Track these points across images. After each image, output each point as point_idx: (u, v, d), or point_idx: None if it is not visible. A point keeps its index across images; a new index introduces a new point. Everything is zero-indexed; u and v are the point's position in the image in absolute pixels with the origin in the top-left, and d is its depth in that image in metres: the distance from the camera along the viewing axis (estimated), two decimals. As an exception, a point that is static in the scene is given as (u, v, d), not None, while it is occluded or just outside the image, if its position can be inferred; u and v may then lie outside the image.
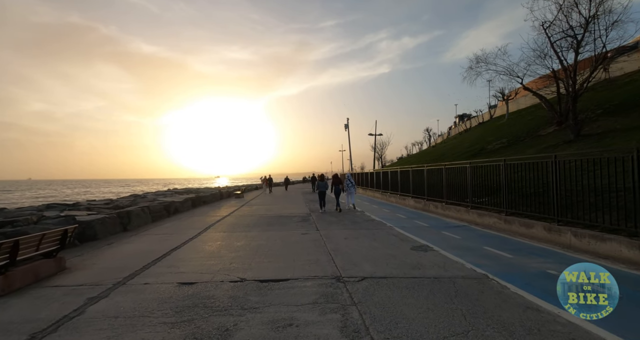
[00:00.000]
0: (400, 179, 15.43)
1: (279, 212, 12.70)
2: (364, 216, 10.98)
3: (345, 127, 35.90)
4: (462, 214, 9.60)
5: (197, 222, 10.34)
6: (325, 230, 8.21)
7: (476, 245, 6.28)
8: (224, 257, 5.67)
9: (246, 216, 11.57)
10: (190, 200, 14.52)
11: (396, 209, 13.18)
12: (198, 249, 6.40)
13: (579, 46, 12.84)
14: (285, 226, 9.07)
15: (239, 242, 6.96)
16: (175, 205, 12.76)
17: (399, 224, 9.01)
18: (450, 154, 25.54)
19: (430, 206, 11.72)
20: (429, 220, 9.81)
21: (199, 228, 8.96)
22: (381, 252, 5.82)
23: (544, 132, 17.11)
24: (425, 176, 12.50)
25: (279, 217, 11.14)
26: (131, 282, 4.43)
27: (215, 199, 18.71)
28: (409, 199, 13.98)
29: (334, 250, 6.07)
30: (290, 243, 6.77)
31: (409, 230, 8.01)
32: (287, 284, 4.23)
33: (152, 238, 7.73)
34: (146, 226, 9.56)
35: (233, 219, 10.79)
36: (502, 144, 19.36)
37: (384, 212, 12.19)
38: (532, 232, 6.77)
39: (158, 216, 10.94)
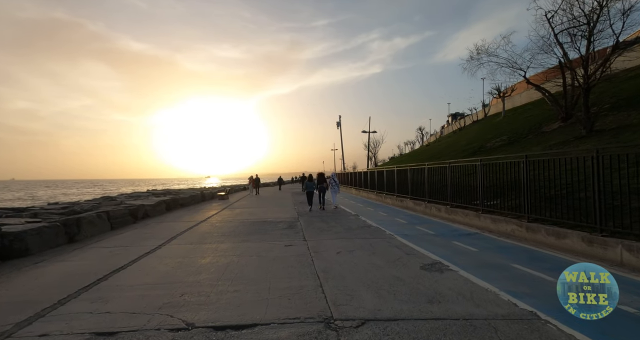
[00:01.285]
0: (397, 178, 14.19)
1: (263, 216, 11.29)
2: (359, 221, 9.67)
3: (337, 125, 34.67)
4: (471, 219, 8.37)
5: (164, 229, 8.87)
6: (314, 241, 6.86)
7: (501, 262, 5.02)
8: (176, 284, 4.26)
9: (224, 222, 10.13)
10: (164, 203, 12.98)
11: (394, 212, 11.91)
12: (148, 270, 4.97)
13: (591, 33, 11.78)
14: (267, 235, 7.69)
15: (204, 259, 5.55)
16: (144, 209, 11.23)
17: (400, 231, 7.72)
18: (447, 152, 24.49)
19: (432, 209, 10.48)
20: (434, 226, 8.55)
21: (164, 238, 7.51)
22: (384, 273, 4.50)
23: (548, 128, 16.11)
24: (426, 176, 11.27)
25: (262, 222, 9.74)
26: (20, 334, 2.99)
27: (195, 201, 17.15)
28: (407, 200, 12.73)
29: (324, 270, 4.73)
30: (269, 260, 5.39)
31: (413, 240, 6.72)
32: (253, 334, 2.87)
33: (99, 253, 6.25)
34: (101, 236, 8.05)
35: (208, 226, 9.34)
36: (502, 141, 18.32)
37: (380, 215, 10.90)
38: (566, 244, 5.55)
39: (120, 222, 9.42)
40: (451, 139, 33.34)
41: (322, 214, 11.36)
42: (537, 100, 29.09)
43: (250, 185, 26.32)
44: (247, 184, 29.93)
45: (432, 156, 25.10)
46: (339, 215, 11.00)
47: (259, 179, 26.71)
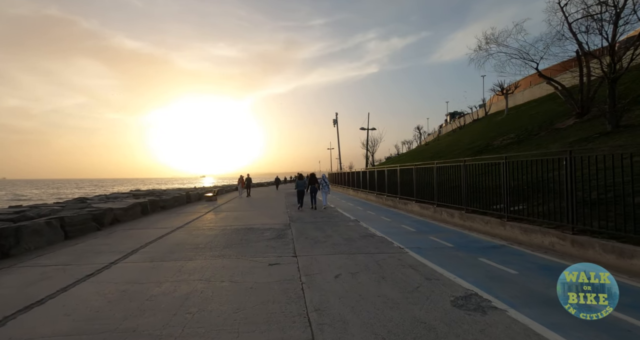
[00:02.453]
0: (401, 179, 12.88)
1: (250, 221, 9.91)
2: (360, 228, 8.34)
3: (334, 122, 33.35)
4: (493, 227, 7.08)
5: (129, 239, 7.46)
6: (307, 257, 5.51)
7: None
8: (101, 335, 2.88)
9: (204, 229, 8.74)
10: (139, 205, 11.53)
11: (398, 216, 10.59)
12: (73, 307, 3.58)
13: (618, 17, 10.58)
14: (249, 247, 6.32)
15: (159, 286, 4.17)
16: (113, 213, 9.79)
17: (411, 243, 6.40)
18: (448, 151, 23.28)
19: (443, 214, 9.17)
20: (449, 235, 7.24)
21: (122, 251, 6.11)
22: (403, 315, 3.17)
23: (561, 125, 14.91)
24: (434, 176, 9.97)
25: (246, 230, 8.36)
26: None
27: (179, 203, 15.68)
28: (412, 203, 11.43)
29: (318, 308, 3.38)
30: (244, 289, 4.02)
31: (429, 256, 5.40)
32: None
33: (26, 275, 4.84)
34: (47, 248, 6.63)
35: (183, 234, 7.94)
36: (510, 139, 17.10)
37: (384, 221, 9.58)
38: (635, 266, 4.26)
39: (79, 230, 7.99)
40: (452, 138, 32.18)
41: (317, 219, 10.02)
42: (541, 98, 28.02)
43: (240, 186, 22.67)
44: (235, 185, 25.72)
45: (433, 155, 23.87)
46: (337, 221, 9.66)
47: (251, 179, 23.52)
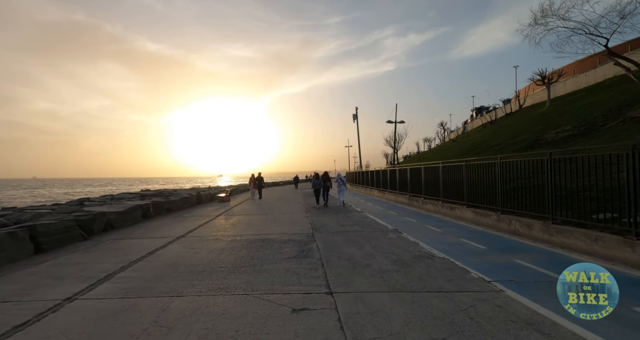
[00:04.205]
0: (443, 178, 10.82)
1: (265, 229, 8.17)
2: (406, 243, 6.41)
3: (353, 117, 31.36)
4: (608, 248, 4.97)
5: (110, 255, 5.84)
6: (348, 295, 3.64)
7: None
8: None
9: (208, 240, 7.06)
10: (139, 208, 10.02)
11: (448, 226, 8.57)
12: None
13: None
14: (263, 273, 4.54)
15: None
16: (106, 218, 8.29)
17: (498, 273, 4.41)
18: (485, 147, 20.83)
19: (514, 224, 7.06)
20: (542, 258, 5.20)
21: (91, 277, 4.46)
22: None
23: (636, 113, 12.39)
24: (497, 174, 7.88)
25: (260, 242, 6.61)
26: None
27: (188, 205, 14.17)
28: (462, 209, 9.36)
29: None
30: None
31: (547, 301, 3.40)
32: None
33: None
34: (2, 268, 5.09)
35: (180, 248, 6.27)
36: (567, 132, 14.60)
37: (433, 232, 7.61)
38: None
39: (58, 241, 6.48)
40: (484, 133, 29.46)
41: (346, 228, 8.16)
42: (589, 87, 24.98)
43: (251, 186, 19.05)
44: (247, 185, 22.44)
45: (469, 152, 21.47)
46: (372, 231, 7.77)
47: (262, 179, 19.36)
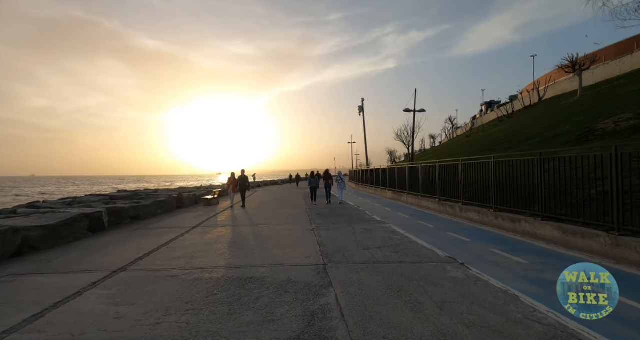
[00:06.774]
0: (495, 177, 8.15)
1: (251, 256, 5.47)
2: (491, 289, 3.73)
3: (359, 109, 28.63)
4: None
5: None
6: None
7: None
8: None
9: (156, 281, 4.37)
10: (86, 218, 7.30)
11: (517, 246, 5.90)
12: None
13: None
14: None
15: None
16: (19, 237, 5.62)
17: None
18: (515, 141, 18.10)
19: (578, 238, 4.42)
20: None
21: None
22: None
23: None
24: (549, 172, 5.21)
25: (240, 286, 3.92)
26: None
27: (163, 210, 11.44)
28: (535, 223, 6.69)
29: None
30: None
31: None
32: None
33: None
34: None
35: (94, 306, 3.59)
36: (631, 120, 11.90)
37: (506, 261, 4.93)
38: None
39: None
40: (506, 127, 26.70)
41: (373, 254, 5.48)
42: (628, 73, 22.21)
43: (230, 189, 13.67)
44: (223, 185, 17.84)
45: (493, 147, 18.78)
46: (416, 261, 5.07)
47: (247, 179, 13.58)
